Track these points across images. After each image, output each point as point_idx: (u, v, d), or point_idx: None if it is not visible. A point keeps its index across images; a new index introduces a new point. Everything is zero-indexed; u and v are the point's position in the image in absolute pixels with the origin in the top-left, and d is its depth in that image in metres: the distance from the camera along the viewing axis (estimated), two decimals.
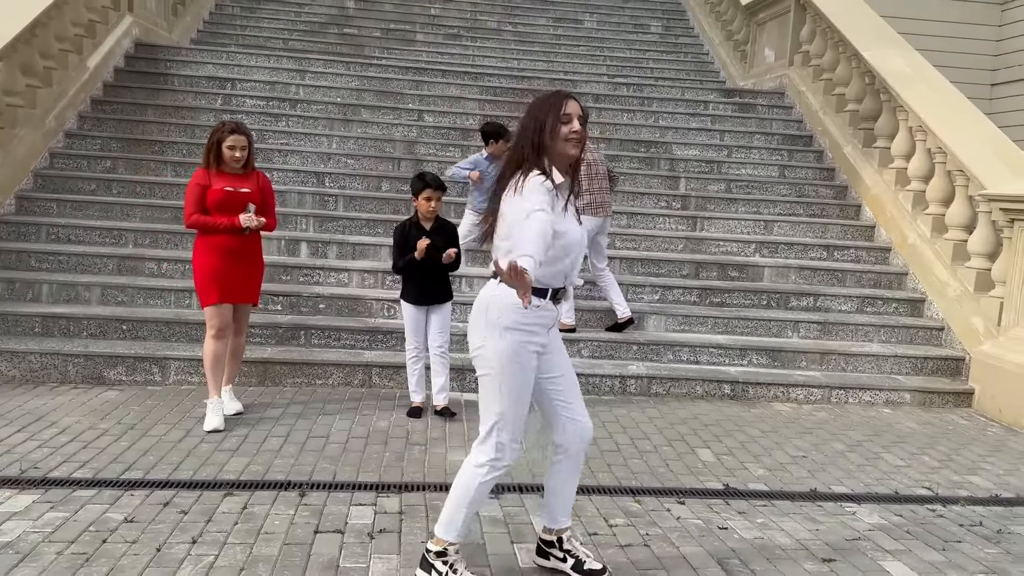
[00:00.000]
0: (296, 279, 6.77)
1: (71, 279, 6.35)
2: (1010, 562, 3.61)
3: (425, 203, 5.13)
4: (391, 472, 4.33)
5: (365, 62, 10.21)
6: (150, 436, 4.69)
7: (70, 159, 7.70)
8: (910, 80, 7.79)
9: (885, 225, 7.91)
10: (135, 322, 6.01)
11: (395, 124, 8.90)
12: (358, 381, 5.90)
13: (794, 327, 6.81)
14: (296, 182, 7.88)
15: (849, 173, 8.59)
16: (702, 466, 4.70)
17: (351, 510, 3.80)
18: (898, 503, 4.30)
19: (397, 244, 5.24)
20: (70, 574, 3.06)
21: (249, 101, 8.81)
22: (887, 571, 3.45)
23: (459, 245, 5.33)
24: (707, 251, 7.70)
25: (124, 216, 7.21)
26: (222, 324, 4.93)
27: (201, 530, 3.50)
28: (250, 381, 5.80)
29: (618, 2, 13.79)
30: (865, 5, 9.12)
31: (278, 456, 4.48)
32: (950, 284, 6.93)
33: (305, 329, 6.17)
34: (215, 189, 4.84)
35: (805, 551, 3.61)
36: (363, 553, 3.37)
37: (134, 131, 8.23)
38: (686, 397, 6.12)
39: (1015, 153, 6.81)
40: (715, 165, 8.84)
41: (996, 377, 6.15)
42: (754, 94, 10.34)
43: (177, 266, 6.64)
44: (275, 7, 12.17)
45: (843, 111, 8.91)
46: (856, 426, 5.68)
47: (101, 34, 8.78)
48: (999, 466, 5.03)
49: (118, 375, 5.68)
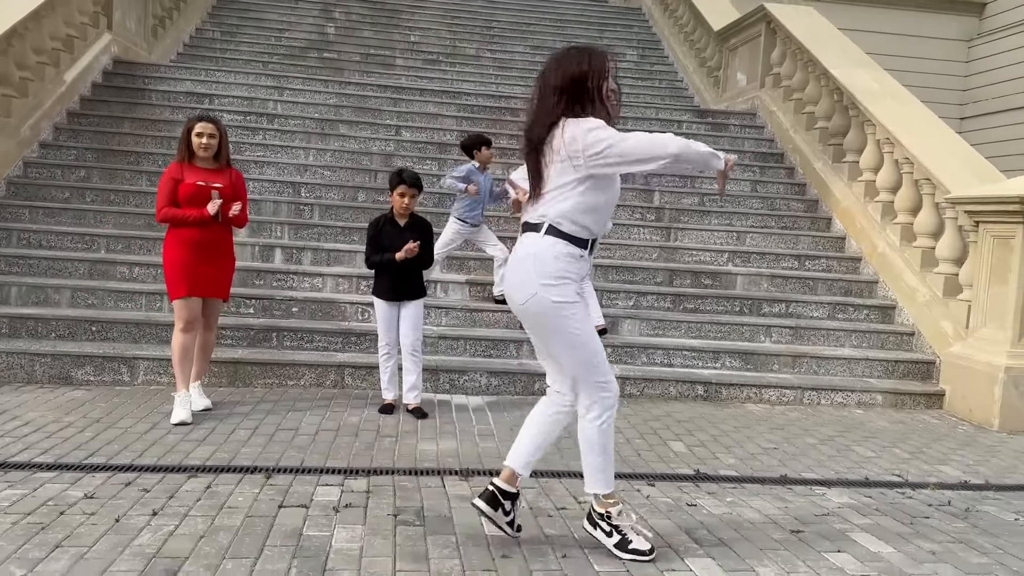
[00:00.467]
0: (269, 284, 6.75)
1: (40, 282, 6.29)
2: (977, 534, 3.62)
3: (399, 199, 5.15)
4: (360, 459, 4.29)
5: (344, 81, 10.30)
6: (115, 428, 4.62)
7: (44, 168, 7.67)
8: (877, 95, 7.97)
9: (855, 236, 8.02)
10: (105, 323, 5.95)
11: (373, 139, 8.96)
12: (330, 382, 5.85)
13: (766, 332, 6.85)
14: (272, 192, 7.89)
15: (820, 187, 8.73)
16: (674, 455, 4.69)
17: (317, 489, 3.75)
18: (868, 487, 4.30)
19: (371, 239, 5.24)
20: (24, 540, 3.00)
21: (227, 116, 8.83)
22: (854, 540, 3.44)
23: (432, 242, 5.35)
24: (681, 260, 7.76)
25: (97, 223, 7.17)
26: (190, 317, 4.90)
27: (163, 505, 3.45)
28: (220, 381, 5.73)
29: (595, 32, 14.04)
30: (833, 27, 9.37)
31: (245, 445, 4.43)
32: (919, 290, 7.02)
33: (277, 331, 6.13)
34: (187, 183, 4.84)
35: (774, 524, 3.60)
36: (327, 524, 3.32)
37: (110, 142, 8.23)
38: (660, 398, 6.12)
39: (979, 160, 6.96)
40: (688, 180, 8.95)
41: (965, 377, 6.21)
42: (727, 115, 10.53)
43: (149, 270, 6.60)
44: (256, 32, 12.29)
45: (813, 128, 9.08)
46: (828, 424, 5.69)
47: (79, 49, 8.82)
48: (969, 457, 5.06)
49: (86, 375, 5.61)
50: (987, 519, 3.84)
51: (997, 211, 6.05)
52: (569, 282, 2.98)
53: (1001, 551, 3.42)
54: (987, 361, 6.02)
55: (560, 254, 2.96)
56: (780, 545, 3.34)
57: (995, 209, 6.06)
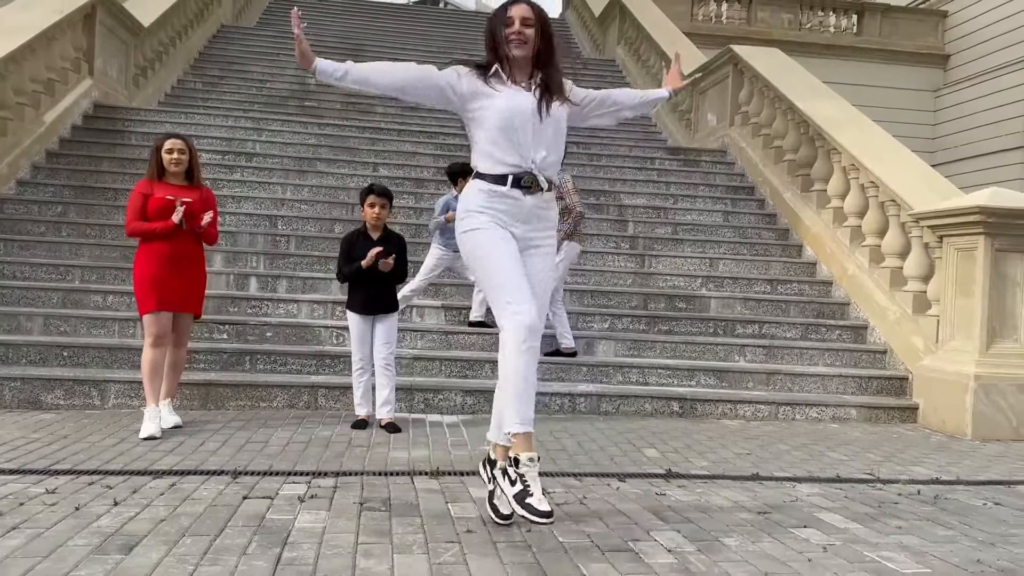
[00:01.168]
0: (244, 310, 6.75)
1: (12, 310, 6.27)
2: (944, 515, 3.62)
3: (370, 210, 5.21)
4: (330, 464, 4.25)
5: (323, 122, 10.48)
6: (83, 443, 4.56)
7: (21, 204, 7.72)
8: (841, 123, 8.20)
9: (826, 260, 8.15)
10: (77, 348, 5.92)
11: (351, 175, 9.09)
12: (303, 403, 5.82)
13: (740, 351, 6.90)
14: (248, 225, 7.95)
15: (789, 216, 8.90)
16: (646, 459, 4.68)
17: (284, 486, 3.72)
18: (839, 482, 4.30)
19: (343, 252, 5.29)
20: None
21: (205, 154, 8.94)
22: (822, 519, 3.44)
23: (406, 256, 5.40)
24: (655, 285, 7.84)
25: (72, 255, 7.19)
26: (160, 332, 4.89)
27: (125, 498, 3.41)
28: (192, 404, 5.69)
29: (569, 81, 14.38)
30: (796, 64, 9.68)
31: (214, 455, 4.38)
32: (890, 308, 7.12)
33: (251, 354, 6.12)
34: (156, 197, 4.89)
35: (742, 508, 3.60)
36: (291, 510, 3.29)
37: (88, 180, 8.31)
38: (635, 414, 6.11)
39: (940, 180, 7.14)
40: (662, 211, 9.10)
41: (937, 389, 6.26)
42: (698, 152, 10.77)
43: (124, 298, 6.59)
44: (238, 83, 12.51)
45: (781, 161, 9.29)
46: (802, 435, 5.70)
47: (60, 93, 8.95)
48: (941, 460, 5.07)
49: (55, 399, 5.55)
50: (955, 504, 3.85)
51: (958, 223, 6.19)
52: (486, 213, 3.13)
53: (967, 526, 3.42)
54: (956, 371, 6.08)
55: (475, 190, 3.19)
56: (747, 523, 3.34)
57: (956, 221, 6.20)
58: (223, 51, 13.50)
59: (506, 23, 3.15)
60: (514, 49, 3.13)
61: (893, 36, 18.35)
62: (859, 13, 18.45)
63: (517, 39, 3.12)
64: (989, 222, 5.98)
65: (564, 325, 6.58)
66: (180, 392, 5.49)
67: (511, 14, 3.15)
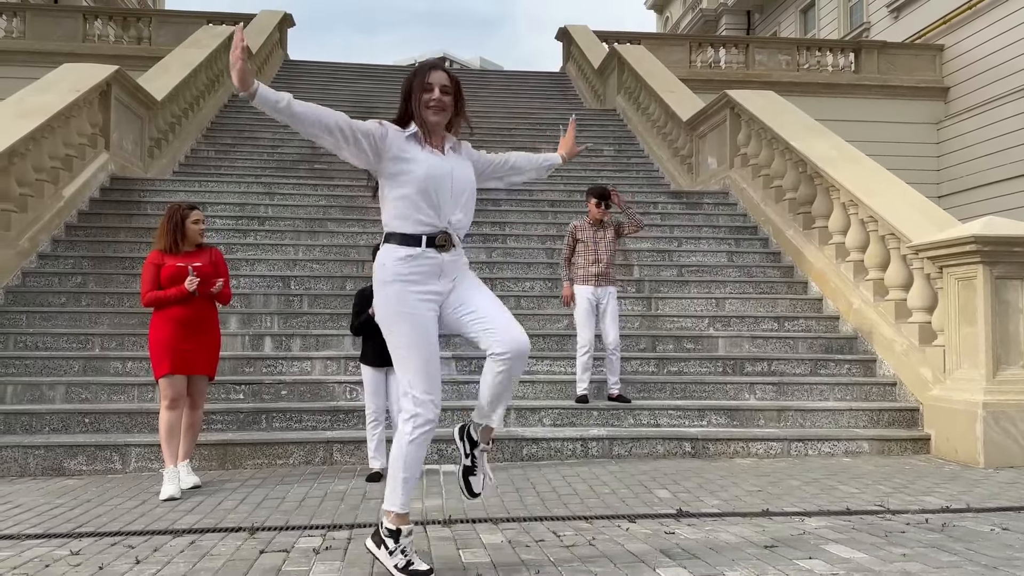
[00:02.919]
0: (259, 370, 6.90)
1: (35, 380, 6.45)
2: (950, 541, 3.65)
3: None
4: (344, 517, 4.34)
5: (333, 184, 10.75)
6: (105, 505, 4.68)
7: (42, 276, 7.96)
8: (835, 161, 8.36)
9: (831, 296, 8.23)
10: (97, 415, 6.08)
11: (360, 233, 9.31)
12: (319, 459, 5.92)
13: (750, 389, 6.95)
14: (262, 286, 8.15)
15: (793, 254, 9.00)
16: (658, 500, 4.73)
17: (299, 540, 3.81)
18: (848, 515, 4.33)
19: (356, 306, 5.44)
20: None
21: (219, 221, 9.21)
22: (827, 551, 3.49)
23: None
24: (662, 327, 7.94)
25: (92, 324, 7.39)
26: (175, 395, 5.03)
27: (147, 556, 3.51)
28: (210, 464, 5.80)
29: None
30: (789, 104, 9.89)
31: (232, 512, 4.48)
32: (896, 340, 7.17)
33: (267, 413, 6.24)
34: (168, 266, 5.09)
35: (749, 543, 3.65)
36: (306, 562, 3.38)
37: (106, 251, 8.55)
38: (648, 456, 6.16)
39: (937, 211, 7.25)
40: (666, 254, 9.24)
41: (947, 419, 6.28)
42: (700, 194, 10.94)
43: (142, 364, 6.76)
44: (249, 150, 12.88)
45: (782, 200, 9.44)
46: (814, 470, 5.73)
47: (78, 167, 9.28)
48: (952, 489, 5.08)
49: (78, 464, 5.68)
50: (962, 531, 3.88)
51: (956, 253, 6.27)
52: (403, 282, 3.11)
53: (972, 552, 3.46)
54: (965, 400, 6.11)
55: (390, 258, 3.16)
56: (752, 557, 3.39)
57: (954, 252, 6.29)
58: (234, 119, 13.91)
59: (425, 88, 3.20)
60: (432, 116, 3.21)
61: (892, 72, 18.62)
62: (856, 51, 18.77)
63: (436, 106, 3.21)
64: (986, 251, 6.07)
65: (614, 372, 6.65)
66: (198, 453, 5.61)
67: (431, 80, 3.20)
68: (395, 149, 3.16)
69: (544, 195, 10.81)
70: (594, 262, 6.72)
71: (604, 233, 6.83)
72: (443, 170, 3.20)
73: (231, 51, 2.94)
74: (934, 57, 18.83)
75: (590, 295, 6.65)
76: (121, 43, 17.31)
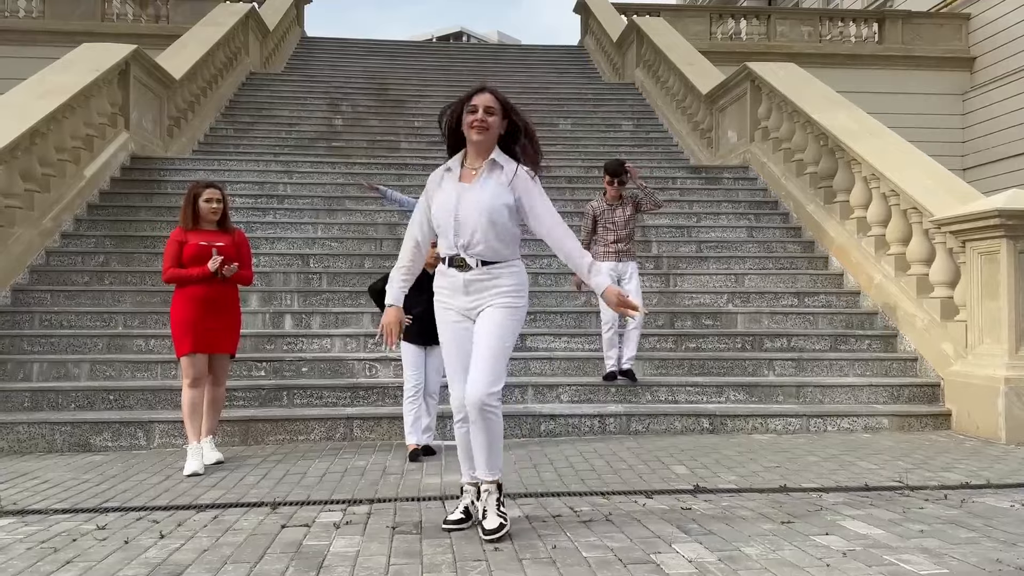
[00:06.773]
0: (280, 347, 6.96)
1: (61, 358, 6.56)
2: (969, 518, 3.65)
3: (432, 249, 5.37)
4: (364, 492, 4.39)
5: (350, 162, 10.77)
6: (131, 481, 4.77)
7: (65, 256, 8.06)
8: (857, 134, 8.25)
9: (852, 271, 8.16)
10: (122, 391, 6.17)
11: (378, 211, 9.33)
12: (339, 435, 5.98)
13: (769, 365, 6.93)
14: (282, 264, 8.20)
15: (814, 229, 8.92)
16: (675, 476, 4.75)
17: (320, 514, 3.87)
18: (867, 491, 4.33)
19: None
20: (37, 559, 3.14)
21: (239, 199, 9.26)
22: (844, 526, 3.49)
23: None
24: (681, 304, 7.91)
25: (115, 303, 7.48)
26: (196, 374, 5.09)
27: (171, 530, 3.58)
28: (233, 440, 5.88)
29: (591, 107, 14.59)
30: (810, 76, 9.75)
31: (254, 488, 4.55)
32: (918, 316, 7.10)
33: (288, 390, 6.31)
34: (191, 244, 5.13)
35: (765, 518, 3.66)
36: (327, 536, 3.44)
37: (127, 230, 8.64)
38: (665, 433, 6.17)
39: (960, 185, 7.15)
40: (685, 230, 9.19)
41: (968, 395, 6.23)
42: (719, 169, 10.85)
43: (164, 342, 6.84)
44: (267, 128, 12.90)
45: (803, 174, 9.34)
46: (833, 446, 5.72)
47: (98, 148, 9.35)
48: (972, 465, 5.06)
49: (104, 440, 5.79)
50: (981, 507, 3.87)
51: (980, 227, 6.19)
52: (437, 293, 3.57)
53: (991, 528, 3.45)
54: (987, 375, 6.06)
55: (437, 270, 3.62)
56: (769, 532, 3.40)
57: (978, 226, 6.21)
58: (252, 98, 13.94)
59: (469, 110, 3.41)
60: (475, 135, 3.40)
61: (916, 42, 18.27)
62: (880, 21, 18.42)
63: (479, 125, 3.38)
64: (1009, 224, 5.99)
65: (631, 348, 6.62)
66: (221, 429, 5.69)
67: (475, 102, 3.42)
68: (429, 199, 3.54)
69: (562, 171, 10.76)
70: (614, 240, 6.69)
71: (623, 210, 6.79)
72: (449, 204, 3.45)
73: None
74: (960, 26, 18.44)
75: (611, 270, 6.62)
76: (139, 22, 17.32)
